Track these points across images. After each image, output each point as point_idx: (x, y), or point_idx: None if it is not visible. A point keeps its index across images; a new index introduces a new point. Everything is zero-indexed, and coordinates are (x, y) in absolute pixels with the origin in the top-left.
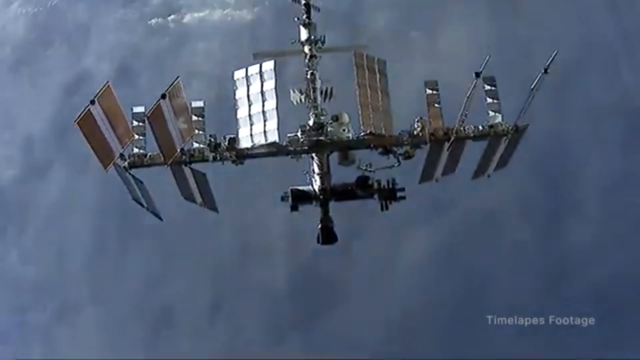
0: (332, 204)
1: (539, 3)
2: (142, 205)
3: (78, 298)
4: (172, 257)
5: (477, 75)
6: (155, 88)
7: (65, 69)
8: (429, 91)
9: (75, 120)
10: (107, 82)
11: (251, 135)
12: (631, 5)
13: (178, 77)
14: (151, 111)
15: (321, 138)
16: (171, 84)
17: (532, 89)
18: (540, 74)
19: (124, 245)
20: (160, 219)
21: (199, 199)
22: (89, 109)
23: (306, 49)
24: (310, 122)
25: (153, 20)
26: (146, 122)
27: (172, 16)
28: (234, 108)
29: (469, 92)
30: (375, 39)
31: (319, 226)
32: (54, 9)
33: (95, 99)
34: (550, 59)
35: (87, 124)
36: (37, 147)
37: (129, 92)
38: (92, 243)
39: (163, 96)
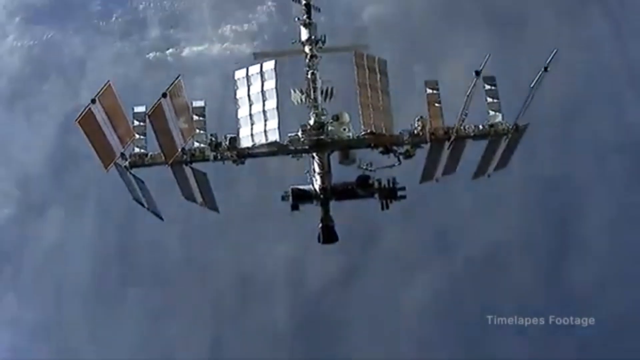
0: (332, 203)
1: (543, 35)
2: (142, 205)
3: (76, 339)
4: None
5: (477, 74)
6: None
7: (62, 104)
8: (429, 91)
9: (77, 119)
10: (108, 81)
11: (252, 134)
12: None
13: (179, 76)
14: (152, 110)
15: (322, 137)
16: (172, 83)
17: (532, 88)
18: (541, 72)
19: (124, 284)
20: (161, 218)
21: (199, 199)
22: (89, 108)
23: (307, 48)
24: (311, 122)
25: (151, 54)
26: (147, 121)
27: (171, 50)
28: (235, 108)
29: (468, 91)
30: None
31: (320, 225)
32: (50, 42)
33: (96, 98)
34: (550, 58)
35: (88, 123)
36: (33, 184)
37: None
38: (90, 282)
39: (164, 95)
